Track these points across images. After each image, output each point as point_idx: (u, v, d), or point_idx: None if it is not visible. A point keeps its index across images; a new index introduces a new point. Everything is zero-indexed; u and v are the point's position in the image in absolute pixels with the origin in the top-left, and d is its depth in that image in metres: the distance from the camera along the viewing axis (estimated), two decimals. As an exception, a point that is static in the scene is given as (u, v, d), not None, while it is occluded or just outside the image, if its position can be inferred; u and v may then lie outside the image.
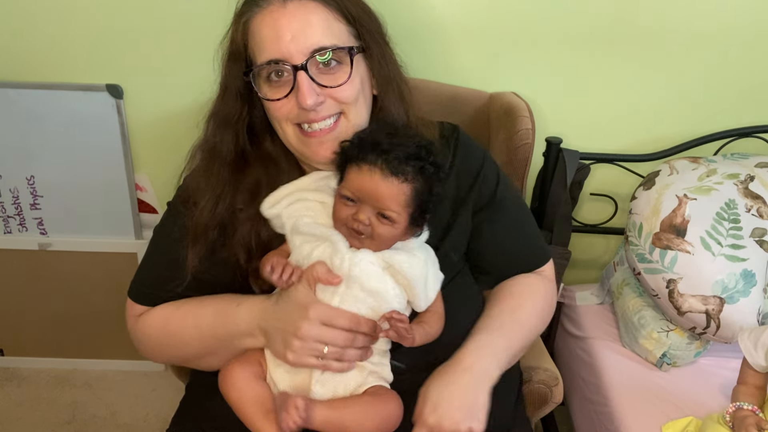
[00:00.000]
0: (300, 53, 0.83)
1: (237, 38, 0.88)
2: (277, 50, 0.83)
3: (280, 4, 0.84)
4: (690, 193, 1.27)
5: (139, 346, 1.00)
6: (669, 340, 1.28)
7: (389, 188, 0.80)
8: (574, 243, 1.56)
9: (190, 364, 0.99)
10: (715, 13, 1.35)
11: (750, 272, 1.19)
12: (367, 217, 0.80)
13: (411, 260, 0.84)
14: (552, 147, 1.43)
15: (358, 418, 0.80)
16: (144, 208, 1.64)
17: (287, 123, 0.88)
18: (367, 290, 0.82)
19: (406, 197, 0.81)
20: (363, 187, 0.80)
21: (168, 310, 0.95)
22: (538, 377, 1.16)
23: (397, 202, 0.80)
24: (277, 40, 0.83)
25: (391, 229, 0.82)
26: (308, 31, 0.84)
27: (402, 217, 0.81)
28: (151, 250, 1.01)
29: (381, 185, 0.79)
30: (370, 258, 0.82)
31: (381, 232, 0.81)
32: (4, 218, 1.64)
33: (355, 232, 0.81)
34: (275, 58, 0.84)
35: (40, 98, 1.47)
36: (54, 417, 1.73)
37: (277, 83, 0.86)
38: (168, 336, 0.95)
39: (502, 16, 1.37)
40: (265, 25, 0.84)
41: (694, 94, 1.45)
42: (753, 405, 1.06)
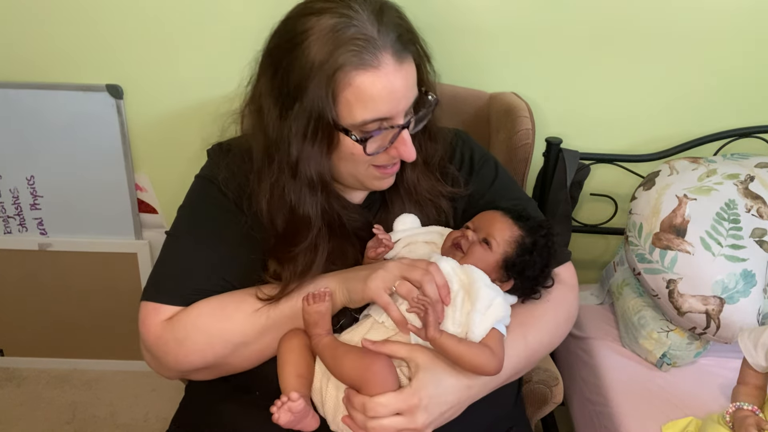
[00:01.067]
0: (404, 111, 0.84)
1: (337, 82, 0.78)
2: (389, 110, 0.81)
3: (396, 66, 0.80)
4: (690, 193, 1.27)
5: (177, 349, 0.90)
6: (669, 340, 1.28)
7: (503, 223, 0.92)
8: (574, 243, 1.56)
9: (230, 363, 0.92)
10: (715, 13, 1.35)
11: (750, 272, 1.19)
12: (473, 235, 0.91)
13: (487, 283, 0.87)
14: (552, 147, 1.43)
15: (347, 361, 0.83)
16: (144, 208, 1.64)
17: (366, 165, 0.88)
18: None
19: (512, 236, 0.91)
20: (484, 218, 0.94)
21: (213, 301, 0.91)
22: (538, 377, 1.17)
23: (502, 235, 0.90)
24: (390, 100, 0.81)
25: (484, 254, 0.90)
26: (411, 92, 0.84)
27: (499, 249, 0.90)
28: (183, 245, 0.96)
29: (498, 219, 0.92)
30: (454, 263, 0.88)
31: (475, 251, 0.90)
32: (4, 218, 1.64)
33: (456, 246, 0.91)
34: (385, 117, 0.82)
35: (40, 98, 1.46)
36: (54, 417, 1.73)
37: (372, 139, 0.84)
38: (222, 321, 0.89)
39: (503, 16, 1.37)
40: (378, 84, 0.79)
41: (694, 94, 1.45)
42: (753, 405, 1.06)
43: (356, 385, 0.81)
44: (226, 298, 0.91)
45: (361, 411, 0.79)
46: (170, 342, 0.89)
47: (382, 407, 0.78)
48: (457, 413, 0.86)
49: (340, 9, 0.79)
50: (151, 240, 1.66)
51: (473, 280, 0.86)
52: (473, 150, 1.06)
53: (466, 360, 0.81)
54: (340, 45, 0.77)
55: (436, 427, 0.83)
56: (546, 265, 0.93)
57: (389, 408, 0.79)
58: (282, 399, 0.79)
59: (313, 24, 0.78)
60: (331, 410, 0.85)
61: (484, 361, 0.82)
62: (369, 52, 0.78)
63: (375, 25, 0.79)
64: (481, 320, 0.83)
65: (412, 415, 0.80)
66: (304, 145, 0.81)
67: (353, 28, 0.78)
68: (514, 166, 1.28)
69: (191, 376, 0.98)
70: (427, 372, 0.82)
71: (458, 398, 0.85)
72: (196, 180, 1.02)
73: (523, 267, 0.90)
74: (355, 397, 0.80)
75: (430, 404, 0.81)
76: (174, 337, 0.89)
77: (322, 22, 0.78)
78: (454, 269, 0.87)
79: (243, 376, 0.94)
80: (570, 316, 1.02)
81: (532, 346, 0.94)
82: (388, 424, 0.78)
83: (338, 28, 0.77)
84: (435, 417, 0.82)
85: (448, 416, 0.85)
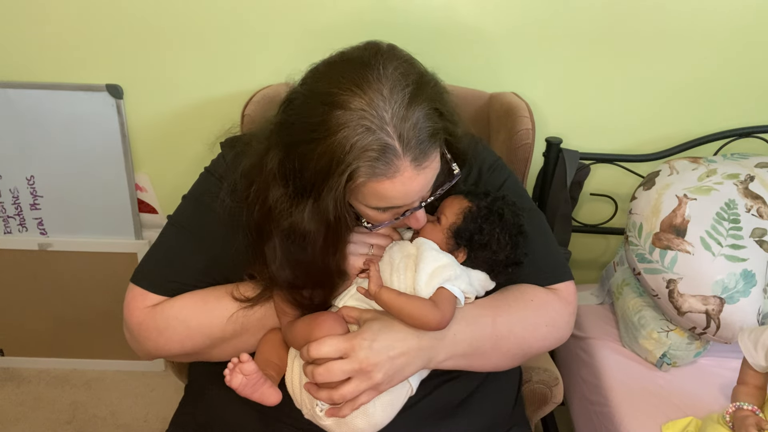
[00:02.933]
0: (418, 201, 0.84)
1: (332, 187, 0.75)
2: (403, 203, 0.80)
3: (414, 172, 0.75)
4: (690, 193, 1.27)
5: (158, 335, 0.92)
6: (669, 340, 1.28)
7: (455, 200, 0.92)
8: (574, 243, 1.56)
9: (208, 353, 0.95)
10: (715, 13, 1.35)
11: (750, 272, 1.19)
12: (424, 216, 0.91)
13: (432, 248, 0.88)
14: (552, 147, 1.43)
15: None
16: (144, 208, 1.64)
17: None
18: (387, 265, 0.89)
19: (460, 208, 0.91)
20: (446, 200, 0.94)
21: (197, 295, 0.93)
22: (538, 377, 1.17)
23: (451, 209, 0.91)
24: (406, 198, 0.79)
25: (434, 229, 0.91)
26: (428, 186, 0.82)
27: (447, 222, 0.91)
28: (180, 238, 0.96)
29: (453, 198, 0.93)
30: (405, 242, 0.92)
31: (425, 228, 0.91)
32: (4, 218, 1.64)
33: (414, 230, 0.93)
34: (398, 206, 0.81)
35: (40, 98, 1.47)
36: (54, 417, 1.73)
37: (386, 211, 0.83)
38: (203, 315, 0.91)
39: (503, 16, 1.37)
40: (393, 190, 0.76)
41: (694, 94, 1.45)
42: (753, 405, 1.06)
43: (307, 340, 0.83)
44: (209, 293, 0.93)
45: (307, 358, 0.80)
46: (151, 329, 0.92)
47: (324, 346, 0.79)
48: (411, 365, 0.84)
49: (365, 107, 0.72)
50: (151, 240, 1.66)
51: (419, 245, 0.88)
52: (484, 160, 1.04)
53: (405, 312, 0.82)
54: (359, 154, 0.72)
55: (388, 374, 0.81)
56: (499, 231, 0.89)
57: (332, 347, 0.80)
58: (233, 360, 0.81)
59: (334, 120, 0.72)
60: (298, 391, 0.87)
61: (425, 313, 0.82)
62: (385, 163, 0.73)
63: (398, 127, 0.73)
64: (427, 280, 0.85)
65: (356, 353, 0.79)
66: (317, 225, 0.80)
67: (372, 136, 0.72)
68: (514, 166, 1.28)
69: (168, 359, 1.02)
70: (374, 321, 0.84)
71: (407, 345, 0.83)
72: (203, 173, 1.02)
73: (471, 233, 0.89)
74: (303, 348, 0.82)
75: (375, 345, 0.81)
76: (155, 326, 0.92)
77: (343, 120, 0.72)
78: (402, 246, 0.91)
79: None
80: (554, 323, 0.98)
81: (500, 330, 0.91)
82: (334, 367, 0.79)
83: (358, 132, 0.71)
84: (382, 359, 0.81)
85: (399, 364, 0.82)
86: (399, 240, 0.94)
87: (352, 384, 0.80)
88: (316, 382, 0.81)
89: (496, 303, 0.93)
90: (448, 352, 0.88)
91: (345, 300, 0.90)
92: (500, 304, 0.94)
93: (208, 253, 0.94)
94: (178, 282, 0.94)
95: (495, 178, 1.03)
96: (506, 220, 0.91)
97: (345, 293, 0.91)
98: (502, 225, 0.90)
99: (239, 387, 0.81)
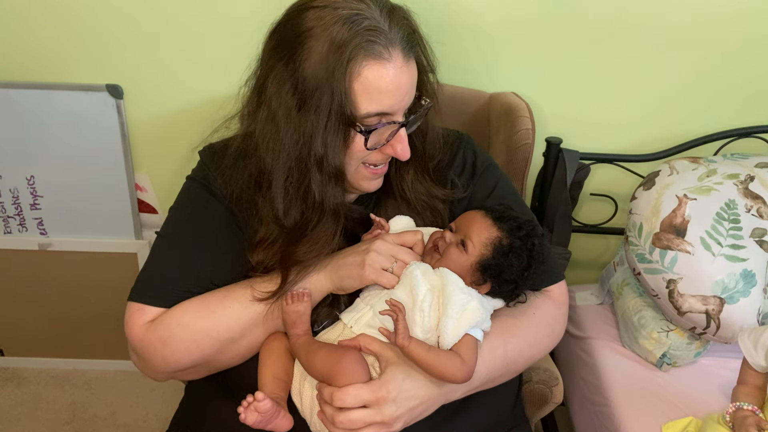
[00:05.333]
0: (404, 109, 0.85)
1: (337, 69, 0.78)
2: (391, 105, 0.82)
3: (403, 61, 0.81)
4: (690, 193, 1.27)
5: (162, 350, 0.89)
6: (669, 340, 1.28)
7: (482, 224, 0.90)
8: (574, 243, 1.56)
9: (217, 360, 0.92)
10: (715, 13, 1.35)
11: (750, 272, 1.19)
12: (451, 236, 0.90)
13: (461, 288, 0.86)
14: (552, 147, 1.43)
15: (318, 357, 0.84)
16: (144, 208, 1.64)
17: (357, 161, 0.88)
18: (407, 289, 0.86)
19: (489, 238, 0.88)
20: (466, 219, 0.92)
21: (196, 299, 0.91)
22: (538, 377, 1.17)
23: (479, 236, 0.89)
24: (395, 95, 0.82)
25: (460, 256, 0.88)
26: (413, 91, 0.85)
27: (475, 252, 0.88)
28: (171, 248, 0.96)
29: (478, 220, 0.90)
30: (427, 267, 0.88)
31: (450, 253, 0.89)
32: (4, 218, 1.64)
33: (434, 248, 0.90)
34: (386, 111, 0.83)
35: (40, 98, 1.46)
36: (54, 417, 1.73)
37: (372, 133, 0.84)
38: (207, 318, 0.89)
39: (503, 16, 1.37)
40: (386, 77, 0.80)
41: (694, 94, 1.45)
42: (753, 405, 1.06)
43: (327, 378, 0.81)
44: (209, 296, 0.91)
45: (329, 402, 0.79)
46: (155, 342, 0.89)
47: (349, 397, 0.78)
48: (428, 411, 0.85)
49: (351, 3, 0.80)
50: (151, 240, 1.66)
51: (445, 283, 0.85)
52: (476, 155, 1.05)
53: (434, 369, 0.81)
54: (355, 35, 0.78)
55: (406, 423, 0.83)
56: (527, 268, 0.90)
57: (356, 398, 0.78)
58: (248, 399, 0.79)
59: (326, 15, 0.79)
60: (308, 409, 0.86)
61: (453, 371, 0.81)
62: (381, 44, 0.79)
63: (386, 20, 0.80)
64: (454, 327, 0.83)
65: (380, 407, 0.79)
66: (327, 137, 0.81)
67: (366, 21, 0.79)
68: (514, 166, 1.28)
69: (180, 376, 0.98)
70: (397, 366, 0.83)
71: (428, 394, 0.84)
72: (187, 181, 1.02)
73: (500, 270, 0.88)
74: (325, 389, 0.80)
75: (399, 397, 0.81)
76: (159, 338, 0.89)
77: (336, 13, 0.79)
78: (425, 273, 0.86)
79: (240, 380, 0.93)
80: (553, 332, 1.01)
81: (511, 356, 0.93)
82: (355, 416, 0.78)
83: (353, 19, 0.78)
84: (404, 411, 0.81)
85: (418, 412, 0.84)
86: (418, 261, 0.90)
87: (370, 430, 0.80)
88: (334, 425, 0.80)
89: (505, 326, 0.93)
90: (464, 389, 0.89)
91: (359, 324, 0.87)
92: (508, 327, 0.94)
93: (202, 258, 0.93)
94: (174, 290, 0.91)
95: (488, 176, 1.04)
96: (536, 254, 0.90)
97: (357, 313, 0.88)
98: (530, 260, 0.89)
99: (256, 424, 0.80)
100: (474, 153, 1.06)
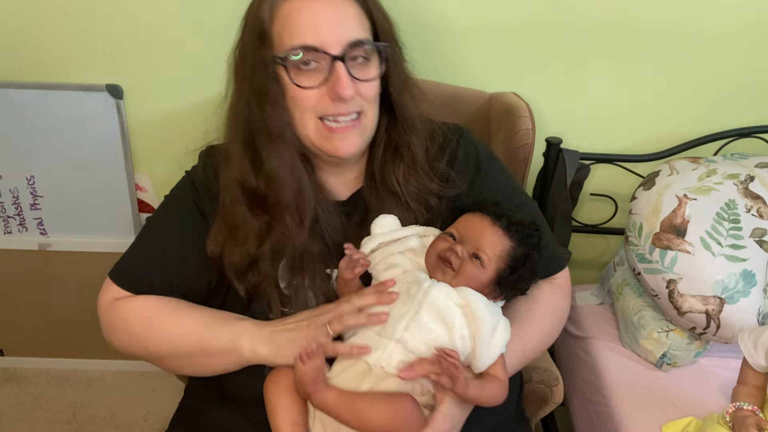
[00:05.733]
0: (338, 44, 0.82)
1: (264, 18, 0.84)
2: (316, 38, 0.81)
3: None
4: (690, 193, 1.27)
5: (110, 330, 0.97)
6: (669, 340, 1.28)
7: (493, 234, 0.85)
8: (574, 243, 1.56)
9: (152, 361, 0.97)
10: (715, 13, 1.35)
11: (750, 272, 1.19)
12: (462, 250, 0.84)
13: (487, 306, 0.83)
14: (552, 147, 1.43)
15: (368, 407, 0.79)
16: (144, 208, 1.64)
17: (311, 116, 0.86)
18: (435, 317, 0.81)
19: (504, 250, 0.85)
20: (470, 226, 0.86)
21: (156, 302, 0.93)
22: (538, 377, 1.16)
23: (494, 249, 0.84)
24: (317, 27, 0.81)
25: (477, 271, 0.84)
26: (347, 23, 0.83)
27: (491, 266, 0.84)
28: (151, 234, 0.98)
29: (487, 229, 0.85)
30: (449, 289, 0.83)
31: (467, 269, 0.84)
32: (4, 218, 1.64)
33: (445, 262, 0.84)
34: (313, 45, 0.81)
35: (40, 98, 1.46)
36: (54, 417, 1.73)
37: (306, 72, 0.83)
38: (149, 327, 0.92)
39: (503, 16, 1.37)
40: (303, 11, 0.81)
41: (694, 94, 1.45)
42: (753, 405, 1.06)
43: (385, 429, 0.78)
44: (161, 309, 0.93)
45: None
46: (111, 320, 0.96)
47: None
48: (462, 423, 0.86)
49: None
50: (151, 240, 1.66)
51: (473, 305, 0.82)
52: (478, 150, 1.04)
53: (485, 402, 0.81)
54: None
55: None
56: (532, 277, 0.90)
57: None
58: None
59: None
60: None
61: (499, 397, 0.82)
62: None
63: None
64: (488, 351, 0.81)
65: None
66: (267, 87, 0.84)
67: None
68: (514, 166, 1.28)
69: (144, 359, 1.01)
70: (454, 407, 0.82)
71: (467, 415, 0.86)
72: (184, 175, 1.03)
73: (516, 281, 0.87)
74: None
75: (455, 426, 0.82)
76: (108, 318, 0.96)
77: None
78: (448, 295, 0.82)
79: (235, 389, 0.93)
80: (562, 321, 1.03)
81: (528, 355, 0.95)
82: None
83: None
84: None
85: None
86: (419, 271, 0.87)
87: None
88: None
89: (521, 328, 0.93)
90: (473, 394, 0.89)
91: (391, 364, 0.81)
92: (524, 329, 0.94)
93: (168, 251, 0.94)
94: (141, 278, 0.95)
95: (495, 168, 1.04)
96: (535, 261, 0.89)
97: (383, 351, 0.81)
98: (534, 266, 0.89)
99: None
100: (476, 148, 1.04)
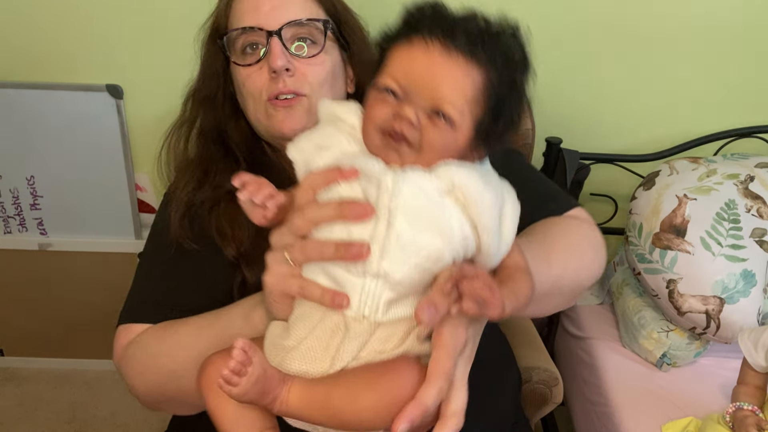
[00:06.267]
0: (276, 22, 0.85)
1: (221, 16, 0.92)
2: (254, 19, 0.86)
3: None
4: (690, 193, 1.27)
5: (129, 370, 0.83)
6: (669, 340, 1.28)
7: (452, 70, 0.55)
8: (574, 243, 1.56)
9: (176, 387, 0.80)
10: (715, 13, 1.35)
11: (750, 272, 1.19)
12: (415, 114, 0.55)
13: (482, 178, 0.57)
14: (552, 147, 1.43)
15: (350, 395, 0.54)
16: (144, 208, 1.64)
17: (260, 101, 0.87)
18: (419, 224, 0.55)
19: (475, 87, 0.56)
20: (414, 69, 0.56)
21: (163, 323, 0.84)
22: (538, 377, 1.16)
23: (460, 92, 0.56)
24: (255, 10, 0.86)
25: (447, 135, 0.56)
26: (287, 5, 0.87)
27: (466, 119, 0.57)
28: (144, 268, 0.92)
29: (440, 65, 0.55)
30: (423, 176, 0.56)
31: (433, 139, 0.56)
32: (4, 218, 1.64)
33: (397, 138, 0.56)
34: (250, 25, 0.86)
35: (40, 98, 1.46)
36: (54, 417, 1.73)
37: (249, 55, 0.88)
38: (162, 341, 0.81)
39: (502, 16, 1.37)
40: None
41: (694, 94, 1.45)
42: (753, 405, 1.06)
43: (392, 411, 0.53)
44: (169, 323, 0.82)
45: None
46: (123, 367, 0.84)
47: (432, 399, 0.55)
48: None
49: None
50: (151, 240, 1.66)
51: (466, 188, 0.56)
52: None
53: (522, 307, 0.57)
54: None
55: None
56: (527, 101, 0.65)
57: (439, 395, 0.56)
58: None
59: None
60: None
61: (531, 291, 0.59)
62: None
63: None
64: (501, 240, 0.57)
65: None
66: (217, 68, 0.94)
67: None
68: (514, 166, 1.28)
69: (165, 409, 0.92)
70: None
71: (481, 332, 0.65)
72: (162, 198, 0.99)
73: (507, 125, 0.62)
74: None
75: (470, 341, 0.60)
76: (125, 363, 0.83)
77: None
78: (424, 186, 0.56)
79: None
80: (595, 244, 0.89)
81: (556, 270, 0.79)
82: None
83: None
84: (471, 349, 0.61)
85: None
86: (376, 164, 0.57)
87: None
88: None
89: (543, 238, 0.82)
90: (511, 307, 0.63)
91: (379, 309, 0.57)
92: (547, 239, 0.82)
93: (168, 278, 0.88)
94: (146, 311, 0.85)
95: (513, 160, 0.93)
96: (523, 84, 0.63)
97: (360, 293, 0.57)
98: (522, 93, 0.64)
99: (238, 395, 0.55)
100: None
